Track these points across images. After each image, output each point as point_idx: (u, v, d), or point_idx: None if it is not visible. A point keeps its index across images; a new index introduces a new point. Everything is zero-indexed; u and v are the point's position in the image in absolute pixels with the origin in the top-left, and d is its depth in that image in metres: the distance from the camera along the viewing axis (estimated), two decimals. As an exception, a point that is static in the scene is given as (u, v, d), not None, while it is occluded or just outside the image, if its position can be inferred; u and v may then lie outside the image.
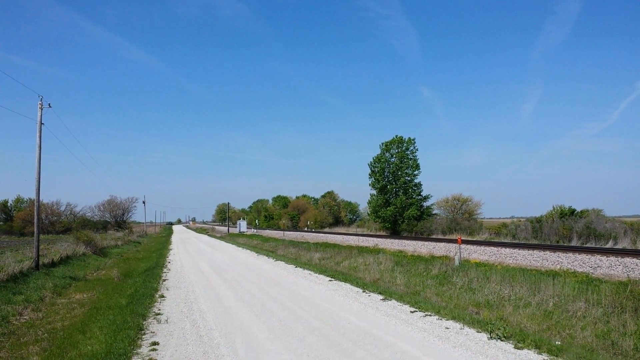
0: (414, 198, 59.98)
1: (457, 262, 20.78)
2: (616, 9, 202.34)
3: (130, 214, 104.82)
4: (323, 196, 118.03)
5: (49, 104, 22.36)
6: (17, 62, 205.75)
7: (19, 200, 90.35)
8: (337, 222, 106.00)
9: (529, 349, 8.28)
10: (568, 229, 37.81)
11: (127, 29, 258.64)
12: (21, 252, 25.64)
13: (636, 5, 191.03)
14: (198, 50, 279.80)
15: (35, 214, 22.07)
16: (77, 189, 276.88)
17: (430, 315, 11.27)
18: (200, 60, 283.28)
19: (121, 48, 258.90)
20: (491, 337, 9.06)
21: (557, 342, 8.83)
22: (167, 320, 11.29)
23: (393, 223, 60.57)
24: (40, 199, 22.16)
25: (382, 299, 13.57)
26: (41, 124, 21.73)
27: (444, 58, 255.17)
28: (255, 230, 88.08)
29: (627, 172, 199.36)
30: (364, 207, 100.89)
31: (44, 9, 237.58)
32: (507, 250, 26.37)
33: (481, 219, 65.86)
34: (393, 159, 61.44)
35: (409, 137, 60.88)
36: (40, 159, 21.50)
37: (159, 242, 57.41)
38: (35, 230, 21.72)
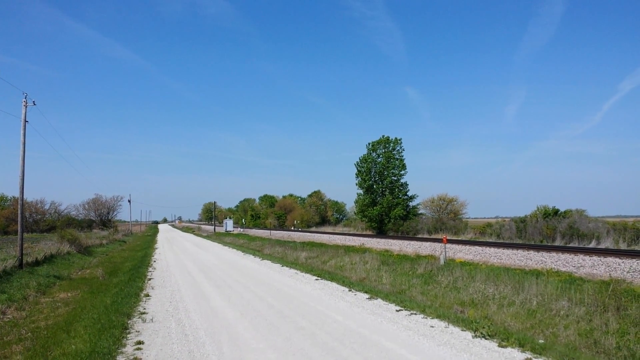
0: (400, 198, 60.21)
1: (442, 262, 20.91)
2: (599, 11, 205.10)
3: (115, 213, 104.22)
4: (310, 196, 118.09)
5: (34, 101, 22.13)
6: (0, 58, 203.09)
7: (2, 199, 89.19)
8: (323, 221, 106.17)
9: (512, 347, 8.36)
10: (552, 228, 38.24)
11: (111, 27, 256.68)
12: (5, 250, 25.32)
13: (619, 8, 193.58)
14: (183, 49, 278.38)
15: (19, 212, 21.82)
16: (61, 188, 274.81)
17: (415, 314, 11.34)
18: (185, 59, 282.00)
19: (105, 46, 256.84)
20: (475, 336, 9.14)
21: (540, 341, 8.93)
22: (152, 320, 11.23)
23: (379, 222, 60.76)
24: (25, 197, 21.92)
25: (368, 298, 13.62)
26: (25, 121, 21.48)
27: (429, 59, 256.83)
28: (241, 230, 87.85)
29: (610, 173, 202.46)
30: (350, 206, 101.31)
31: (26, 6, 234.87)
32: (492, 249, 26.58)
33: (466, 218, 66.41)
34: (379, 159, 61.64)
35: (396, 137, 61.14)
36: (24, 157, 21.26)
37: (144, 241, 57.03)
38: (19, 228, 21.49)
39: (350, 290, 15.08)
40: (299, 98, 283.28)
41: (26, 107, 21.67)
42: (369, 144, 62.83)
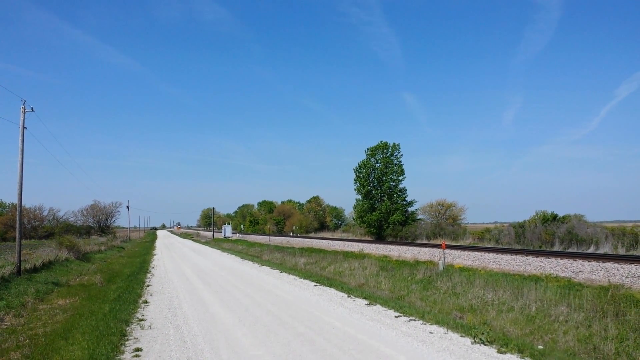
0: (399, 203, 60.27)
1: (441, 267, 20.90)
2: (596, 16, 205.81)
3: (113, 219, 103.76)
4: (308, 201, 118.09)
5: (32, 107, 22.10)
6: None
7: (0, 205, 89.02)
8: (322, 227, 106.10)
9: (512, 354, 8.36)
10: (550, 234, 38.24)
11: (109, 33, 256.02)
12: (3, 257, 25.24)
13: (616, 14, 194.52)
14: (180, 55, 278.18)
15: (17, 218, 21.76)
16: (60, 194, 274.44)
17: (414, 320, 11.33)
18: (182, 64, 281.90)
19: (103, 52, 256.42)
20: (475, 342, 9.13)
21: (539, 347, 8.93)
22: (150, 326, 11.20)
23: (378, 228, 60.77)
24: (23, 203, 21.88)
25: (367, 304, 13.60)
26: (24, 127, 21.47)
27: (426, 65, 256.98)
28: (240, 236, 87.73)
29: (608, 178, 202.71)
30: (349, 212, 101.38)
31: (22, 12, 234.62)
32: (491, 255, 26.58)
33: (465, 224, 66.31)
34: (378, 165, 61.73)
35: (394, 143, 61.28)
36: (22, 163, 21.23)
37: (143, 247, 56.91)
38: (17, 235, 21.41)
39: (349, 296, 15.06)
40: (296, 103, 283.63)
41: (24, 113, 21.66)
42: (368, 149, 62.97)
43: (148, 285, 18.97)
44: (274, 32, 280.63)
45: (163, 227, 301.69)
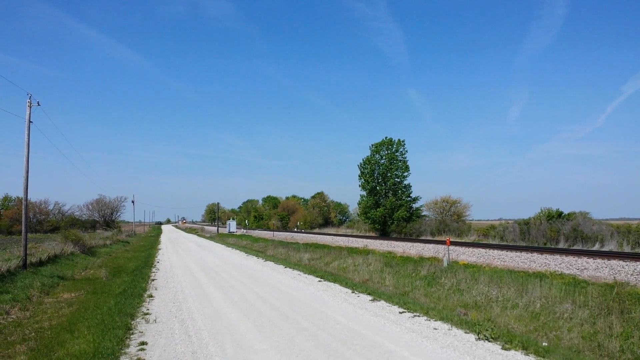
0: (404, 199, 60.20)
1: (445, 263, 20.88)
2: (602, 13, 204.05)
3: (119, 214, 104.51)
4: (313, 197, 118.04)
5: (38, 102, 22.15)
6: (2, 59, 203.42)
7: (6, 199, 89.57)
8: (326, 223, 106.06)
9: (516, 350, 8.35)
10: (555, 231, 38.15)
11: (113, 28, 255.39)
12: (9, 250, 25.37)
13: (622, 10, 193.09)
14: (184, 50, 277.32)
15: (23, 212, 21.85)
16: (65, 188, 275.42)
17: (418, 316, 11.33)
18: (187, 59, 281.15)
19: (107, 47, 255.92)
20: (479, 338, 9.13)
21: (544, 343, 8.92)
22: (155, 320, 11.25)
23: (382, 224, 60.73)
24: (29, 197, 21.97)
25: (371, 300, 13.61)
26: (30, 122, 21.54)
27: (431, 61, 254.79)
28: (244, 231, 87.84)
29: (614, 175, 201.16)
30: (353, 208, 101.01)
31: (27, 6, 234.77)
32: (495, 251, 26.54)
33: (470, 220, 66.18)
34: (383, 161, 61.64)
35: (399, 139, 61.15)
36: (28, 157, 21.30)
37: (147, 241, 57.12)
38: (23, 228, 21.51)
39: (353, 292, 15.08)
40: (300, 99, 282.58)
41: (30, 107, 21.72)
42: (372, 145, 62.86)
43: (153, 280, 19.04)
44: (278, 27, 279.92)
45: (168, 221, 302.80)
